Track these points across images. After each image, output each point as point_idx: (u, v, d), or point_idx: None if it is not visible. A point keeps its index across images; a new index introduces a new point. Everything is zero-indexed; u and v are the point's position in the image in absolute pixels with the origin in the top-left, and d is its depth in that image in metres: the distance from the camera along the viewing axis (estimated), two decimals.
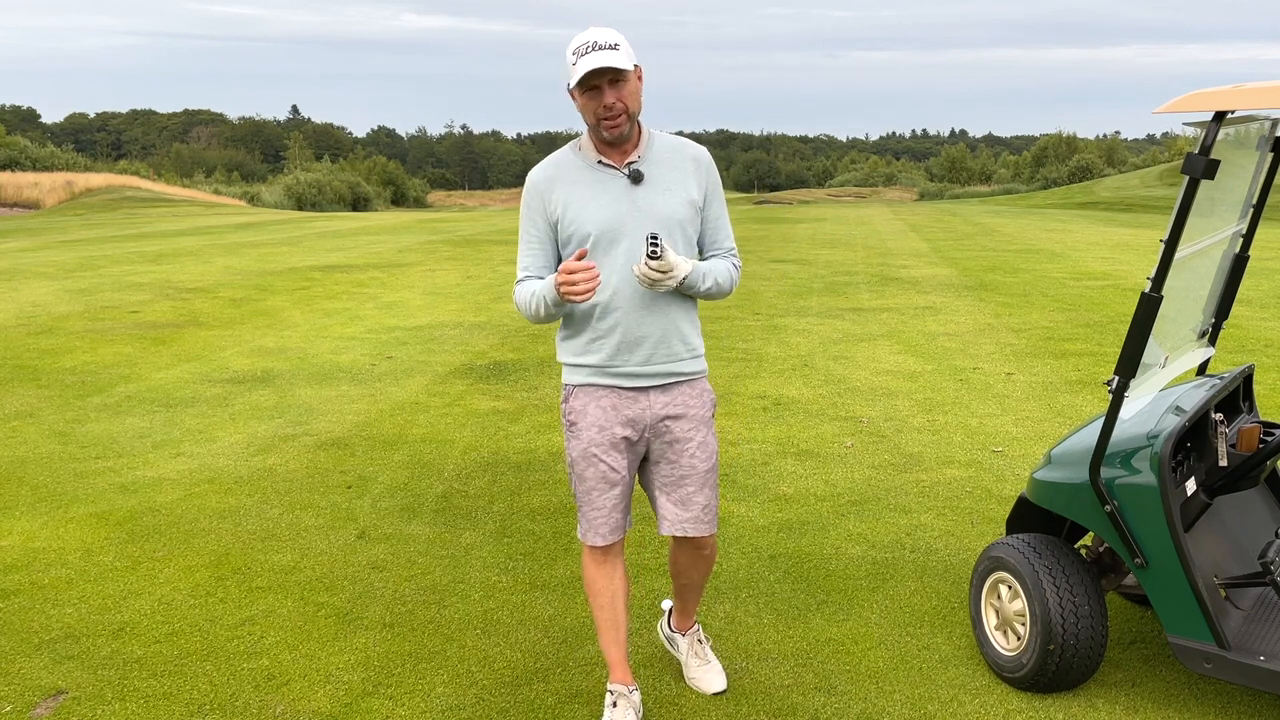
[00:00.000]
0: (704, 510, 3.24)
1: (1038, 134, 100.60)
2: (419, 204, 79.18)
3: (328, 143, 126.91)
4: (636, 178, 3.06)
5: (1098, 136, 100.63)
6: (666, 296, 3.10)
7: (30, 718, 3.42)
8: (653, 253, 2.89)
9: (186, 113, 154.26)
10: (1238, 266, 3.89)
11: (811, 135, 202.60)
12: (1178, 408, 3.47)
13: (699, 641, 3.62)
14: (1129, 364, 3.13)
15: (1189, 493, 3.36)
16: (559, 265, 3.12)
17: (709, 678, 3.53)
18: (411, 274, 16.46)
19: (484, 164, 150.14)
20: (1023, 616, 3.47)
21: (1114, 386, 3.17)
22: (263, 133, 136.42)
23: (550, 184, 3.09)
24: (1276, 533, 3.49)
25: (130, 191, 48.31)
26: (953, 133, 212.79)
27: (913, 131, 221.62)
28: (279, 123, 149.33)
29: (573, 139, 3.23)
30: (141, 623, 4.09)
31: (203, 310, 12.46)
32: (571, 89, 2.98)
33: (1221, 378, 3.79)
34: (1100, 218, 34.08)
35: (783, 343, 9.98)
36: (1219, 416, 3.47)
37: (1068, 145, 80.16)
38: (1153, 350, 3.22)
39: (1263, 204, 3.78)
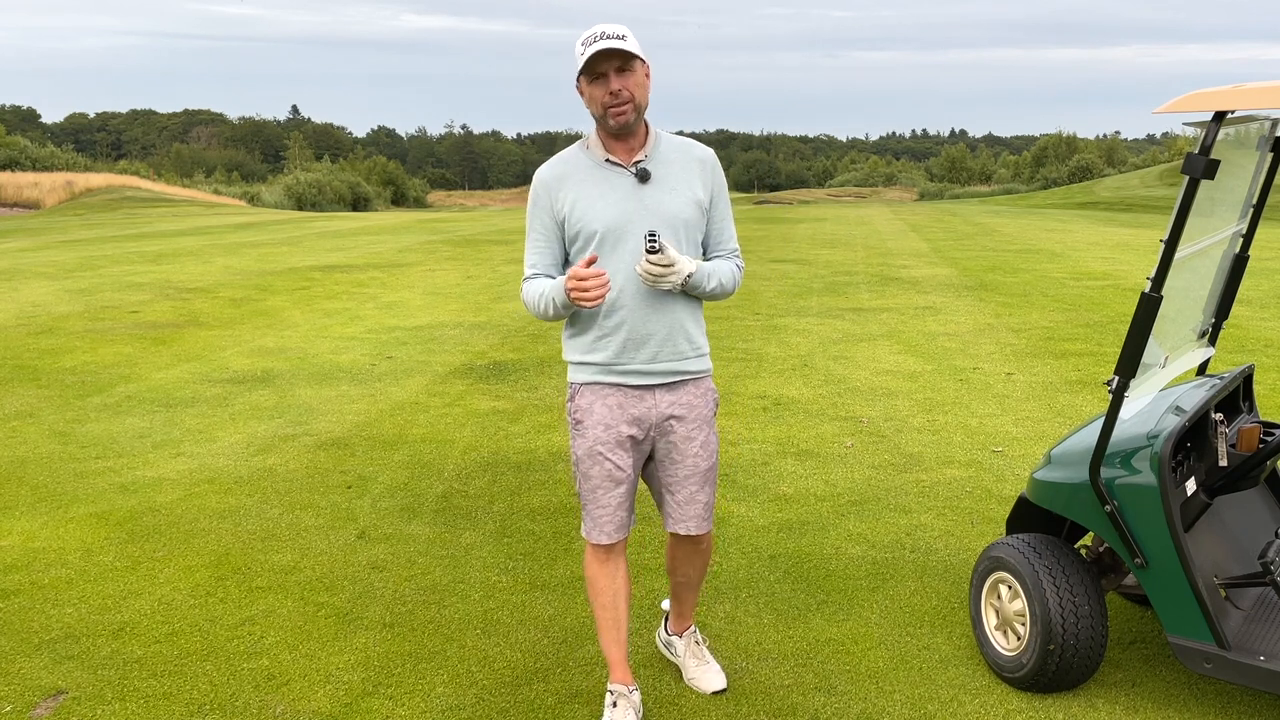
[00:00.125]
0: (705, 508, 3.31)
1: (1038, 134, 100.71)
2: (419, 204, 79.16)
3: (328, 143, 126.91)
4: (643, 176, 3.09)
5: (1098, 136, 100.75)
6: (672, 295, 3.12)
7: (30, 718, 3.42)
8: (651, 248, 2.93)
9: (186, 113, 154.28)
10: (1238, 266, 3.89)
11: (811, 135, 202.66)
12: (1178, 408, 3.47)
13: (696, 643, 3.63)
14: (1129, 364, 3.13)
15: (1189, 493, 3.36)
16: (566, 262, 3.16)
17: (708, 677, 3.53)
18: (411, 274, 16.46)
19: (484, 164, 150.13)
20: (1023, 616, 3.47)
21: (1114, 386, 3.17)
22: (263, 133, 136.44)
23: (558, 181, 3.12)
24: (1276, 533, 3.49)
25: (130, 191, 48.31)
26: (953, 133, 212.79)
27: (913, 131, 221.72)
28: (279, 123, 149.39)
29: (573, 138, 3.24)
30: (141, 623, 4.09)
31: (203, 310, 12.46)
32: (579, 80, 3.02)
33: (1221, 378, 3.79)
34: (1100, 218, 34.08)
35: (783, 343, 9.98)
36: (1219, 416, 3.47)
37: (1068, 145, 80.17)
38: (1153, 350, 3.22)
39: (1263, 204, 3.78)
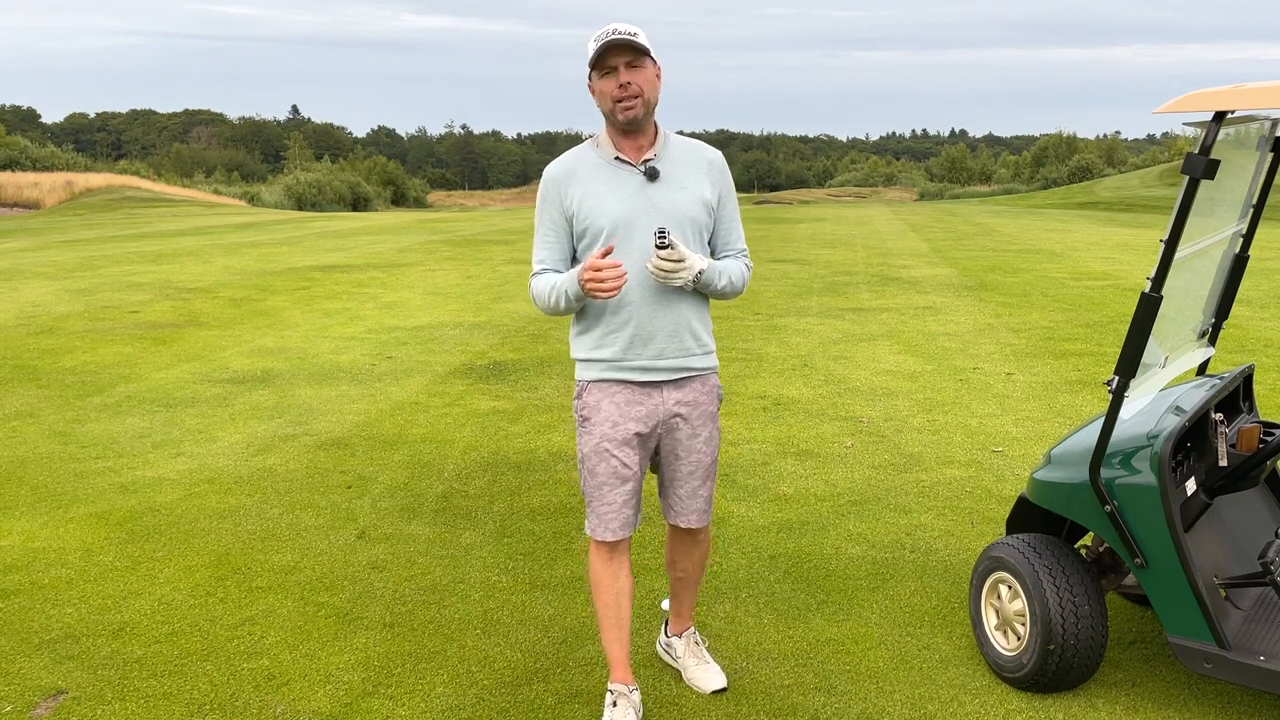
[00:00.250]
0: (706, 502, 3.38)
1: (1038, 134, 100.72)
2: (419, 204, 79.17)
3: (328, 143, 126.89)
4: (652, 175, 3.13)
5: (1098, 136, 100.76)
6: (679, 293, 3.15)
7: (30, 718, 3.42)
8: (661, 243, 2.97)
9: (186, 113, 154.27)
10: (1238, 266, 3.89)
11: (811, 135, 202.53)
12: (1178, 408, 3.47)
13: (696, 643, 3.64)
14: (1129, 364, 3.13)
15: (1189, 493, 3.36)
16: (574, 259, 3.18)
17: (708, 676, 3.54)
18: (411, 274, 16.46)
19: (484, 164, 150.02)
20: (1023, 616, 3.47)
21: (1114, 386, 3.17)
22: (263, 133, 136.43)
23: (568, 178, 3.15)
24: (1276, 533, 3.49)
25: (130, 191, 48.31)
26: (953, 133, 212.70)
27: (913, 131, 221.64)
28: (279, 123, 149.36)
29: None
30: (141, 623, 4.09)
31: (203, 310, 12.46)
32: (591, 76, 3.07)
33: (1221, 378, 3.79)
34: (1100, 218, 34.09)
35: (783, 343, 9.98)
36: (1219, 416, 3.47)
37: (1068, 145, 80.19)
38: (1153, 350, 3.22)
39: (1263, 204, 3.78)
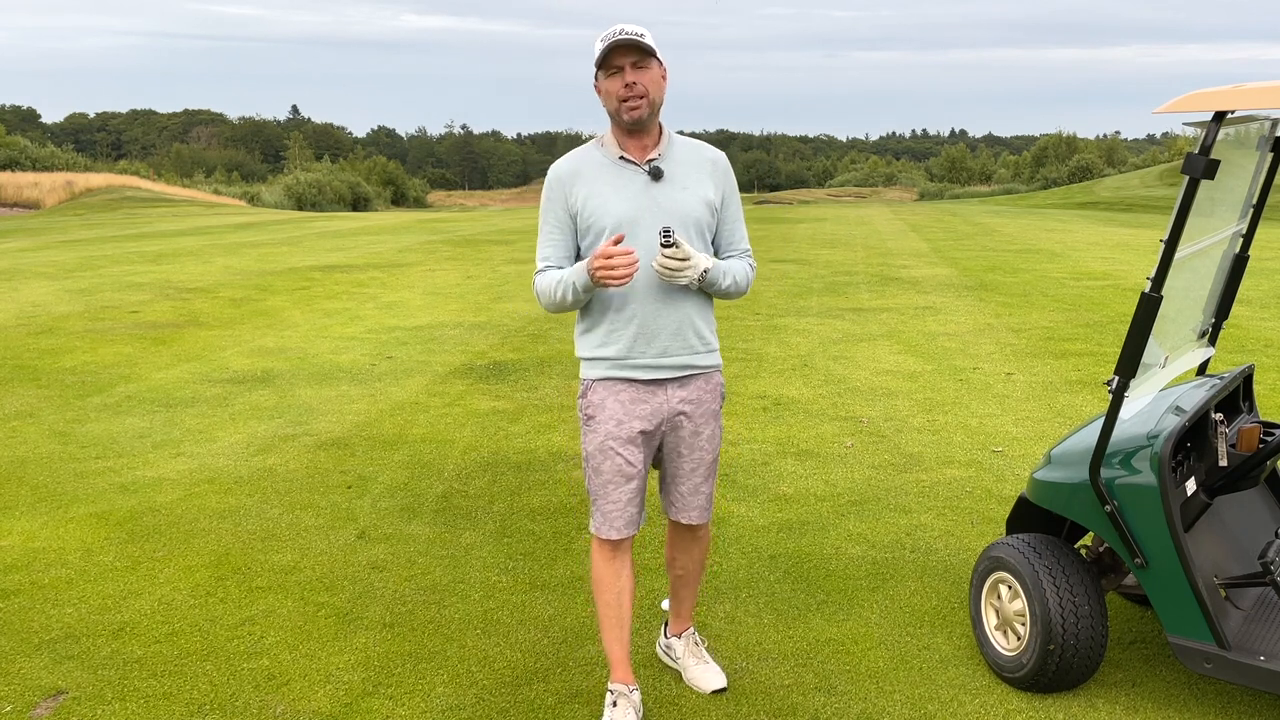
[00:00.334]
0: (707, 498, 3.40)
1: (1038, 134, 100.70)
2: (419, 204, 79.16)
3: (328, 143, 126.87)
4: (656, 174, 3.15)
5: (1098, 136, 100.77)
6: (683, 291, 3.17)
7: (30, 718, 3.42)
8: (666, 242, 2.99)
9: (186, 113, 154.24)
10: (1238, 266, 3.89)
11: (811, 135, 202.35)
12: (1178, 408, 3.47)
13: (695, 643, 3.64)
14: (1129, 364, 3.13)
15: (1189, 493, 3.36)
16: (578, 257, 3.20)
17: (708, 676, 3.54)
18: (411, 274, 16.47)
19: (484, 164, 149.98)
20: (1023, 616, 3.47)
21: (1114, 386, 3.17)
22: (263, 133, 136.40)
23: (572, 177, 3.17)
24: (1276, 533, 3.49)
25: (130, 191, 48.31)
26: (953, 133, 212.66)
27: (913, 131, 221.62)
28: (279, 123, 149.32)
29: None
30: (141, 623, 4.09)
31: (203, 310, 12.46)
32: (597, 76, 3.10)
33: (1221, 378, 3.79)
34: (1100, 218, 34.09)
35: (783, 343, 9.99)
36: (1219, 416, 3.47)
37: (1068, 145, 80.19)
38: (1153, 350, 3.22)
39: (1263, 204, 3.78)
